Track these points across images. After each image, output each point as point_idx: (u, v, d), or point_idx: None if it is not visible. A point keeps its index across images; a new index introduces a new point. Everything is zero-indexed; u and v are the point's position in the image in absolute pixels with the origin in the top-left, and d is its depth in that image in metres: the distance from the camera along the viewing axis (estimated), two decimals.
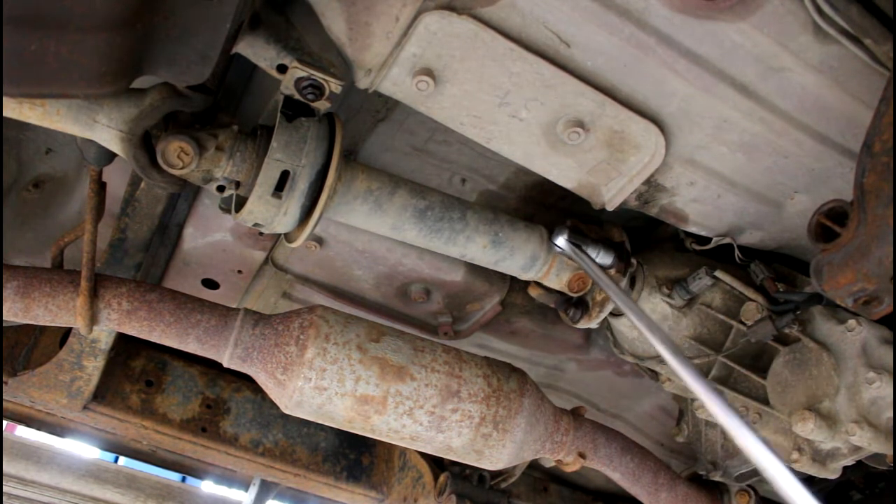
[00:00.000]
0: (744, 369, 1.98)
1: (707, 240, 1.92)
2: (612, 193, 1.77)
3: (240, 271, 2.30)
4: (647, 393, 2.68)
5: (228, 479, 3.37)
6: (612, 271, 1.90)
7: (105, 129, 1.49)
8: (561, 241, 1.86)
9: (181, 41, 1.25)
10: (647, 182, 1.73)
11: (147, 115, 1.49)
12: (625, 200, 1.78)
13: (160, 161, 1.52)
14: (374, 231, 1.83)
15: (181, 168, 1.54)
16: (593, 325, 2.01)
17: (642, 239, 2.18)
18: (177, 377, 2.78)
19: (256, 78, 1.84)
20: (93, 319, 1.70)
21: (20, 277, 1.68)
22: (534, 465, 2.87)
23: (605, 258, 1.88)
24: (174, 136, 1.52)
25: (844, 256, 1.39)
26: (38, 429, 2.82)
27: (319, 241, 2.16)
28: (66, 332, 2.44)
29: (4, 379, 2.40)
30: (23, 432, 3.68)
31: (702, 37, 1.46)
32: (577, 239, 1.87)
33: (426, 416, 1.79)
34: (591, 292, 1.98)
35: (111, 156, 1.57)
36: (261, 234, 2.16)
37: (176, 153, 1.52)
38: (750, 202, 1.80)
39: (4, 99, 1.37)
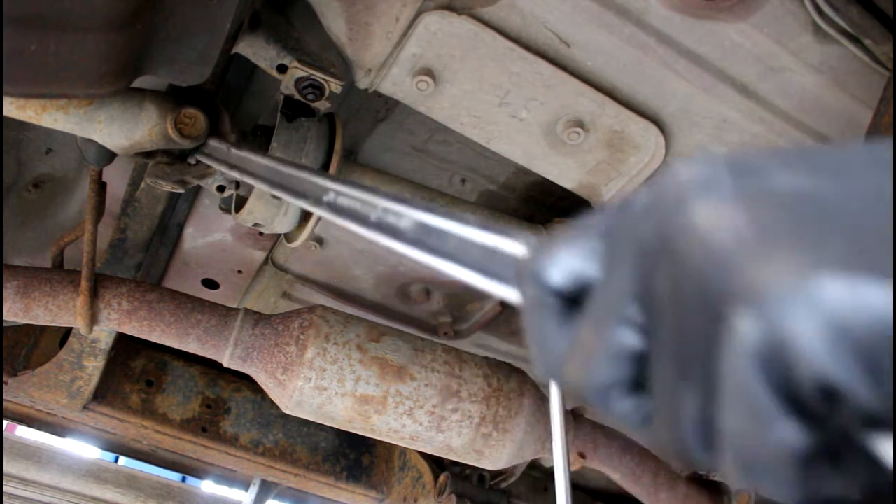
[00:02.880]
0: None
1: None
2: (613, 193, 1.77)
3: (240, 271, 2.30)
4: None
5: (228, 479, 3.37)
6: None
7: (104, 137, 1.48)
8: None
9: (181, 41, 1.25)
10: (648, 182, 1.73)
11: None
12: None
13: (171, 131, 1.47)
14: None
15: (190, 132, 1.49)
16: None
17: None
18: (177, 377, 2.78)
19: (256, 78, 1.84)
20: (93, 319, 1.69)
21: (20, 277, 1.68)
22: (534, 465, 2.87)
23: None
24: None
25: None
26: (38, 429, 2.81)
27: (319, 241, 2.16)
28: (66, 332, 2.44)
29: (4, 379, 2.39)
30: (23, 432, 3.67)
31: (702, 37, 1.46)
32: None
33: (426, 416, 1.79)
34: None
35: (111, 156, 1.57)
36: (261, 234, 2.16)
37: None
38: None
39: (4, 99, 1.37)
